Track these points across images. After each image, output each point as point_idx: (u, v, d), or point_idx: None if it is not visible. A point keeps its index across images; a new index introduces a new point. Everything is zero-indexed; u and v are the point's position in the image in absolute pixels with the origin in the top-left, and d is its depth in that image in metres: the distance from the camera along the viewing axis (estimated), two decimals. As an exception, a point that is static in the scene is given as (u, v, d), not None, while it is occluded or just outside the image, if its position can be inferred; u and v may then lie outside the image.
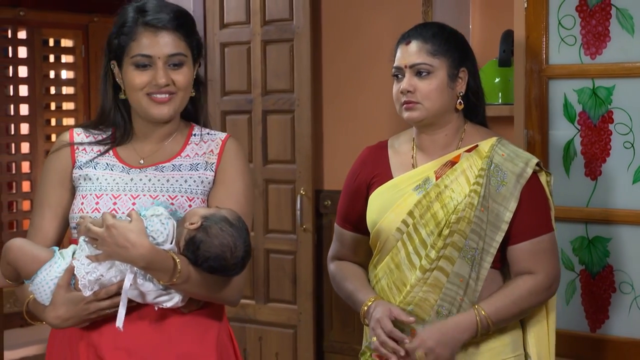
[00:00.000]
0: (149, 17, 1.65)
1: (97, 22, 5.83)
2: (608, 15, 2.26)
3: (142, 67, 1.64)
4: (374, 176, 1.91)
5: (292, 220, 3.33)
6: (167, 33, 1.65)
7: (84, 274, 1.56)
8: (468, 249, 1.79)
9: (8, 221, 5.56)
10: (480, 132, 1.92)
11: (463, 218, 1.78)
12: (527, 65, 2.37)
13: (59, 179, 1.71)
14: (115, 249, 1.52)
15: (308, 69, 3.26)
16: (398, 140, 1.96)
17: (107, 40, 1.70)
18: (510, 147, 1.89)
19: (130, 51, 1.65)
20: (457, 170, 1.84)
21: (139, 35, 1.64)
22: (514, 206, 1.82)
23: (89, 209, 1.66)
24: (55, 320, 1.58)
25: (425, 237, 1.81)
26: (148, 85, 1.65)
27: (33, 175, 5.71)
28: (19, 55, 5.66)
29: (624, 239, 2.26)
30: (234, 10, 3.43)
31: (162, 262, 1.54)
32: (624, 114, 2.25)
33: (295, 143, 3.32)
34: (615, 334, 2.28)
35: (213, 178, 1.71)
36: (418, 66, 1.83)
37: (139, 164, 1.71)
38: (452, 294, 1.79)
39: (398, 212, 1.83)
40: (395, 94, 1.87)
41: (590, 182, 2.31)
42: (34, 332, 4.91)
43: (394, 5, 3.09)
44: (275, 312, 3.38)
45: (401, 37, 1.90)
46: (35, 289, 1.60)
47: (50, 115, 5.88)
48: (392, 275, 1.85)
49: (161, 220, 1.57)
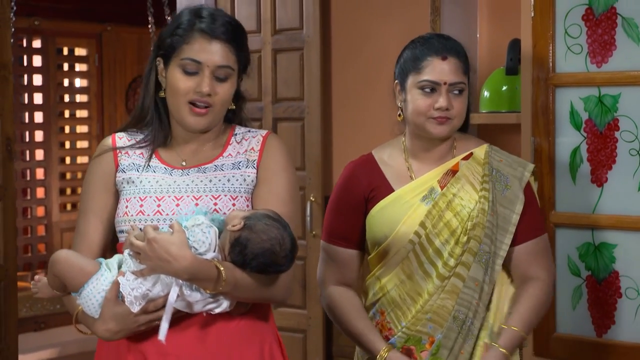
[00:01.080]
0: (205, 23, 1.63)
1: (110, 31, 5.90)
2: (614, 24, 2.28)
3: (189, 73, 1.63)
4: (371, 190, 1.88)
5: (302, 226, 3.36)
6: (220, 43, 1.63)
7: (129, 290, 1.53)
8: (482, 253, 1.81)
9: (22, 227, 5.62)
10: (469, 139, 1.94)
11: (478, 224, 1.81)
12: (534, 73, 2.39)
13: (103, 184, 1.70)
14: (157, 262, 1.50)
15: (318, 77, 3.29)
16: (385, 153, 1.94)
17: (159, 37, 1.69)
18: (503, 152, 1.93)
19: (181, 53, 1.63)
20: (462, 179, 1.85)
21: (192, 39, 1.63)
22: (520, 208, 1.85)
23: (134, 212, 1.65)
24: (106, 334, 1.57)
25: (439, 246, 1.82)
26: (191, 92, 1.63)
27: (47, 182, 5.77)
28: (33, 64, 5.73)
29: (630, 245, 2.28)
30: (244, 19, 3.47)
31: (206, 272, 1.51)
32: (630, 121, 2.27)
33: (305, 150, 3.35)
34: (621, 339, 2.29)
35: (255, 175, 1.69)
36: (458, 85, 1.82)
37: (181, 165, 1.69)
38: (468, 298, 1.80)
39: (409, 224, 1.83)
40: (425, 107, 1.82)
41: (597, 189, 2.32)
42: (48, 336, 4.95)
43: (403, 15, 3.12)
44: (285, 317, 3.41)
45: (431, 49, 1.84)
46: (83, 301, 1.58)
47: (64, 122, 5.94)
48: (405, 286, 1.85)
49: (202, 230, 1.54)
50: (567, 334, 2.37)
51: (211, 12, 1.67)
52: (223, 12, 1.69)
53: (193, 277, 1.51)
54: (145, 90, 1.70)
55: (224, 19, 1.67)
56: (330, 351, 3.38)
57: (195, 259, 1.51)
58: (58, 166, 5.83)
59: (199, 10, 1.67)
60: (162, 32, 1.70)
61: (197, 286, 1.54)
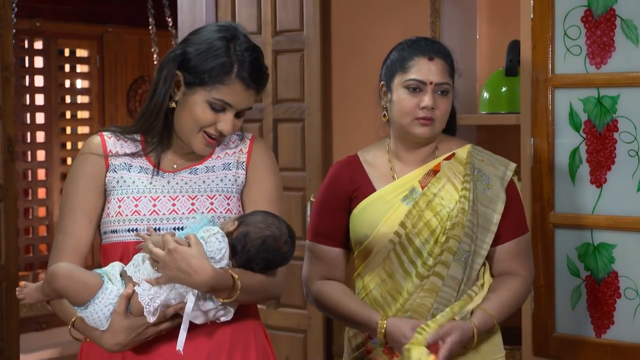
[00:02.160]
0: (245, 71, 1.63)
1: (111, 32, 5.92)
2: (613, 25, 2.29)
3: (216, 110, 1.64)
4: (354, 189, 1.89)
5: (302, 227, 3.37)
6: (253, 90, 1.66)
7: (148, 300, 1.52)
8: (462, 252, 1.82)
9: (24, 227, 5.64)
10: (452, 140, 1.94)
11: (457, 223, 1.81)
12: (533, 74, 2.40)
13: (93, 183, 1.68)
14: (177, 274, 1.50)
15: (318, 79, 3.30)
16: (370, 154, 1.95)
17: (185, 54, 1.65)
18: (486, 152, 1.93)
19: (214, 91, 1.62)
20: (443, 179, 1.86)
21: (230, 84, 1.63)
22: (501, 208, 1.86)
23: (128, 212, 1.65)
24: (115, 347, 1.56)
25: (419, 246, 1.83)
26: (212, 126, 1.64)
27: (48, 182, 5.78)
28: (35, 65, 5.75)
29: (628, 245, 2.29)
30: (245, 21, 3.49)
31: (224, 282, 1.53)
32: (629, 122, 2.28)
33: (306, 151, 3.36)
34: (620, 339, 2.30)
35: (245, 176, 1.72)
36: (443, 86, 1.83)
37: (172, 168, 1.71)
38: (447, 296, 1.82)
39: (389, 224, 1.84)
40: (410, 106, 1.83)
41: (596, 190, 2.33)
42: (49, 336, 4.96)
43: (402, 16, 3.13)
44: (285, 317, 3.42)
45: (418, 50, 1.86)
46: (88, 315, 1.56)
47: (66, 123, 5.96)
48: (386, 285, 1.86)
49: (218, 239, 1.54)
50: (566, 334, 2.38)
51: (247, 54, 1.65)
52: (254, 47, 1.68)
53: (212, 289, 1.53)
54: (161, 102, 1.67)
55: (258, 62, 1.67)
56: (330, 351, 3.39)
57: (215, 271, 1.52)
58: (59, 167, 5.85)
59: (235, 45, 1.65)
60: (190, 51, 1.65)
61: (213, 296, 1.55)
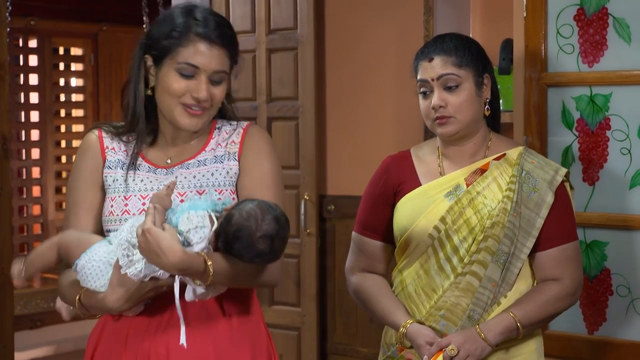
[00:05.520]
0: (201, 27, 1.62)
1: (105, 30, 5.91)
2: (605, 24, 2.29)
3: (185, 76, 1.62)
4: (400, 183, 1.89)
5: (296, 225, 3.37)
6: (218, 48, 1.63)
7: (135, 272, 1.51)
8: (501, 254, 1.79)
9: (19, 225, 5.63)
10: (505, 141, 1.93)
11: (497, 223, 1.79)
12: (526, 73, 2.40)
13: (92, 178, 1.68)
14: (148, 254, 1.49)
15: (312, 77, 3.31)
16: (422, 150, 1.94)
17: (149, 35, 1.66)
18: (538, 155, 1.91)
19: (178, 56, 1.61)
20: (488, 178, 1.84)
21: (190, 44, 1.61)
22: (545, 213, 1.82)
23: (119, 211, 1.65)
24: (116, 303, 1.54)
25: (457, 243, 1.82)
26: (186, 95, 1.62)
27: (43, 180, 5.78)
28: (29, 63, 5.74)
29: (621, 243, 2.29)
30: (239, 19, 3.49)
31: (194, 266, 1.50)
32: (621, 120, 2.28)
33: (300, 149, 3.37)
34: (613, 336, 2.30)
35: (238, 167, 1.69)
36: (446, 77, 1.81)
37: (165, 163, 1.69)
38: (484, 298, 1.79)
39: (430, 219, 1.83)
40: (425, 110, 1.84)
41: (588, 188, 2.34)
42: (44, 334, 4.95)
43: (396, 15, 3.14)
44: (279, 315, 3.42)
45: (420, 54, 1.87)
46: (81, 270, 1.56)
47: (60, 122, 5.95)
48: (421, 281, 1.85)
49: (197, 221, 1.52)
50: (559, 332, 2.39)
51: (204, 14, 1.65)
52: (214, 13, 1.68)
53: (182, 272, 1.51)
54: (136, 91, 1.67)
55: (218, 21, 1.66)
56: (324, 348, 3.40)
57: (185, 254, 1.49)
58: (54, 165, 5.85)
59: (192, 11, 1.65)
60: (151, 30, 1.67)
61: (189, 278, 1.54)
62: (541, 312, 1.80)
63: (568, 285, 1.83)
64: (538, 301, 1.80)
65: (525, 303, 1.80)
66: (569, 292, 1.84)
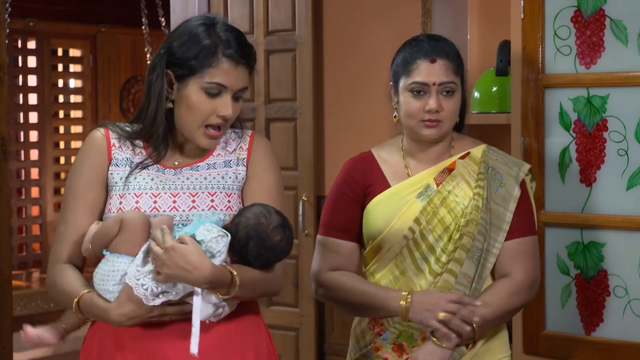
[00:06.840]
0: (230, 49, 1.63)
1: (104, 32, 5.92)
2: (602, 26, 2.30)
3: (212, 95, 1.64)
4: (369, 185, 1.90)
5: (294, 226, 3.37)
6: (243, 67, 1.65)
7: (143, 291, 1.52)
8: (475, 250, 1.82)
9: (17, 226, 5.64)
10: (467, 140, 1.96)
11: (471, 220, 1.82)
12: (524, 74, 2.41)
13: (95, 176, 1.68)
14: (176, 271, 1.50)
15: (310, 78, 3.32)
16: (384, 150, 1.96)
17: (170, 50, 1.66)
18: (500, 152, 1.94)
19: (205, 76, 1.63)
20: (457, 177, 1.87)
21: (219, 64, 1.63)
22: (514, 206, 1.86)
23: (129, 208, 1.64)
24: (120, 318, 1.55)
25: (432, 243, 1.83)
26: (212, 115, 1.64)
27: (42, 181, 5.78)
28: (28, 65, 5.75)
29: (618, 244, 2.30)
30: (237, 20, 3.49)
31: (222, 278, 1.53)
32: (618, 122, 2.29)
33: (298, 150, 3.37)
34: (610, 336, 2.31)
35: (245, 173, 1.72)
36: (448, 85, 1.83)
37: (173, 165, 1.71)
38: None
39: (404, 220, 1.84)
40: (415, 110, 1.84)
41: (585, 189, 2.35)
42: (42, 336, 4.96)
43: (394, 16, 3.15)
44: (277, 315, 3.43)
45: (420, 52, 1.86)
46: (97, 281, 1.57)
47: (59, 123, 5.96)
48: (397, 282, 1.86)
49: (213, 235, 1.54)
50: (556, 332, 2.40)
51: (227, 32, 1.65)
52: (234, 28, 1.69)
53: (212, 285, 1.53)
54: (157, 104, 1.66)
55: (242, 40, 1.67)
56: (322, 349, 3.41)
57: (214, 267, 1.52)
58: (52, 166, 5.85)
59: (214, 28, 1.65)
60: (174, 47, 1.66)
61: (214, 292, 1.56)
62: (496, 311, 1.80)
63: (522, 280, 1.84)
64: (491, 301, 1.80)
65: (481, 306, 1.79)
66: (523, 286, 1.84)
